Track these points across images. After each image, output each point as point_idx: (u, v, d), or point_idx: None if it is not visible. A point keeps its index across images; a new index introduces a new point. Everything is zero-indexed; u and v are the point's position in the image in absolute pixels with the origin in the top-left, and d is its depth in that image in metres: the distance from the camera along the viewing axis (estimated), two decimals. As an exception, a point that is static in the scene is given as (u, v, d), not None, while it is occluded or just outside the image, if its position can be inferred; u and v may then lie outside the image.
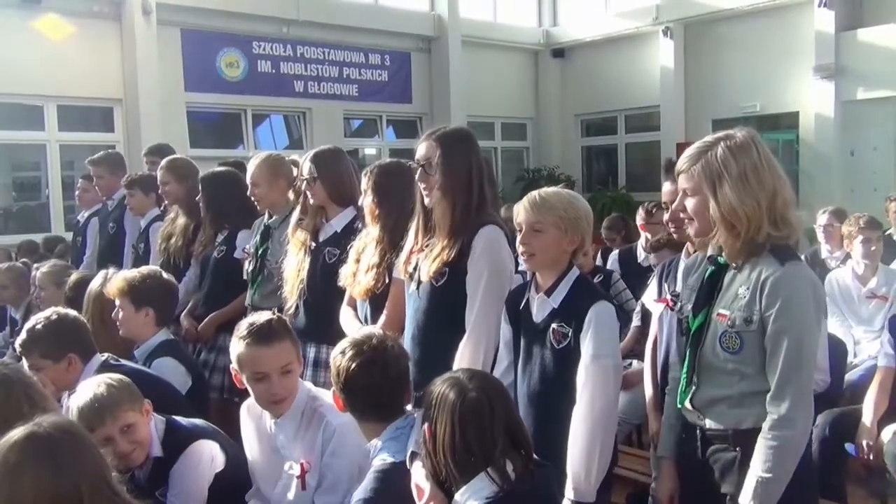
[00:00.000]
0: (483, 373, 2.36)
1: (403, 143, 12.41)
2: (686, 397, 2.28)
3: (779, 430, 2.06)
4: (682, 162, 2.23)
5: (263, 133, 11.91)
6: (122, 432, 2.61)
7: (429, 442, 2.07)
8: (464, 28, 13.22)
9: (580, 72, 14.61)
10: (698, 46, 12.93)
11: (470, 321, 2.71)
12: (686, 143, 13.03)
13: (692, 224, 2.25)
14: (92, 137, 9.90)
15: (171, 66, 10.35)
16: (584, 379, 2.40)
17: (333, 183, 3.60)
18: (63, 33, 9.30)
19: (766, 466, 2.06)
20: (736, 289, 2.17)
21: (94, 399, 2.59)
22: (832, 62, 11.16)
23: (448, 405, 2.04)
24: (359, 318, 3.25)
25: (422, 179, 2.81)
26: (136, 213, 5.38)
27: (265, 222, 4.21)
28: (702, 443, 2.28)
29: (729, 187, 2.11)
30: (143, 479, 2.72)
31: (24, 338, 3.08)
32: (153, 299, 3.53)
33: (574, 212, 2.54)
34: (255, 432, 2.86)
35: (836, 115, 11.31)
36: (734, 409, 2.19)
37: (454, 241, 2.74)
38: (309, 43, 11.80)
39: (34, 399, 2.13)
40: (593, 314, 2.43)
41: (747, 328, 2.12)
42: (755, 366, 2.13)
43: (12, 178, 10.56)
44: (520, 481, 2.00)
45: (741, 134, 2.18)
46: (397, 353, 2.43)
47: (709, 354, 2.22)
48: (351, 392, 2.37)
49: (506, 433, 2.04)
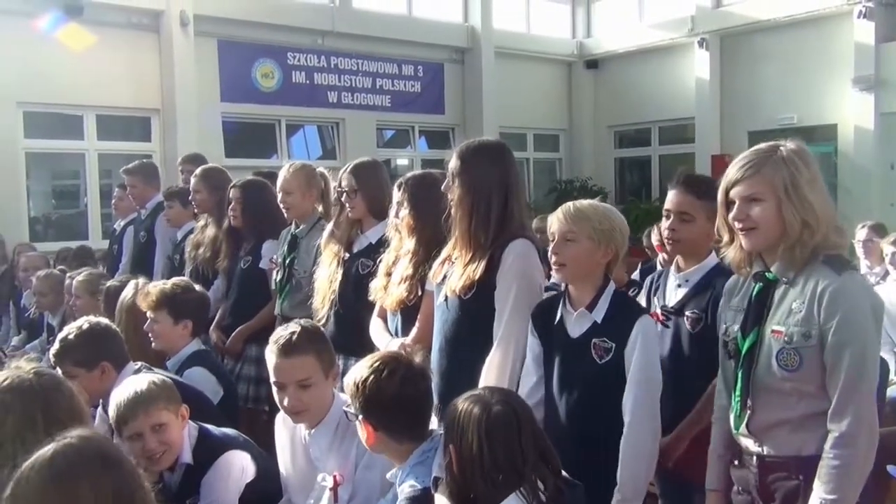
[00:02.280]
0: (505, 389, 2.34)
1: (435, 154, 12.41)
2: (742, 423, 2.17)
3: (841, 448, 1.96)
4: (739, 171, 2.13)
5: (297, 143, 12.00)
6: (153, 430, 2.65)
7: (455, 462, 2.01)
8: (497, 39, 13.22)
9: (614, 83, 14.52)
10: (734, 58, 12.79)
11: (498, 334, 2.69)
12: (721, 156, 12.87)
13: (753, 233, 2.12)
14: (130, 147, 10.04)
15: (208, 77, 10.48)
16: (634, 393, 2.39)
17: (373, 196, 3.60)
18: (84, 43, 9.41)
19: (828, 488, 1.96)
20: (790, 304, 2.09)
21: (133, 393, 2.66)
22: (872, 73, 10.97)
23: (473, 420, 2.00)
24: (389, 330, 3.25)
25: (447, 191, 2.82)
26: (173, 224, 5.43)
27: (292, 231, 4.23)
28: (759, 471, 2.16)
29: (806, 188, 2.05)
30: (173, 486, 2.75)
31: (57, 347, 3.12)
32: (191, 311, 3.57)
33: (608, 223, 2.51)
34: (290, 442, 2.87)
35: (875, 127, 11.11)
36: (795, 434, 2.08)
37: (479, 257, 2.72)
38: (343, 54, 11.88)
39: (73, 409, 2.14)
40: (640, 329, 2.42)
41: (806, 343, 2.03)
42: (815, 384, 2.04)
43: (52, 187, 10.76)
44: (552, 501, 1.95)
45: (795, 143, 2.13)
46: (424, 370, 2.40)
47: (764, 375, 2.12)
48: (385, 410, 2.29)
49: (535, 448, 1.99)
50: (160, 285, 3.68)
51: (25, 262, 6.31)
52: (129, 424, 2.64)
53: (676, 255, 2.96)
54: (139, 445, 2.63)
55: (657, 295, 3.01)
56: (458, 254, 2.79)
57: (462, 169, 2.77)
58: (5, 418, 2.01)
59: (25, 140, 9.39)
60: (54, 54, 9.22)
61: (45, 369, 2.26)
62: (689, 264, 2.91)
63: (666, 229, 2.93)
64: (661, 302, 2.96)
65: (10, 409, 2.02)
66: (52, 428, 1.84)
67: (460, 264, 2.76)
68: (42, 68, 9.07)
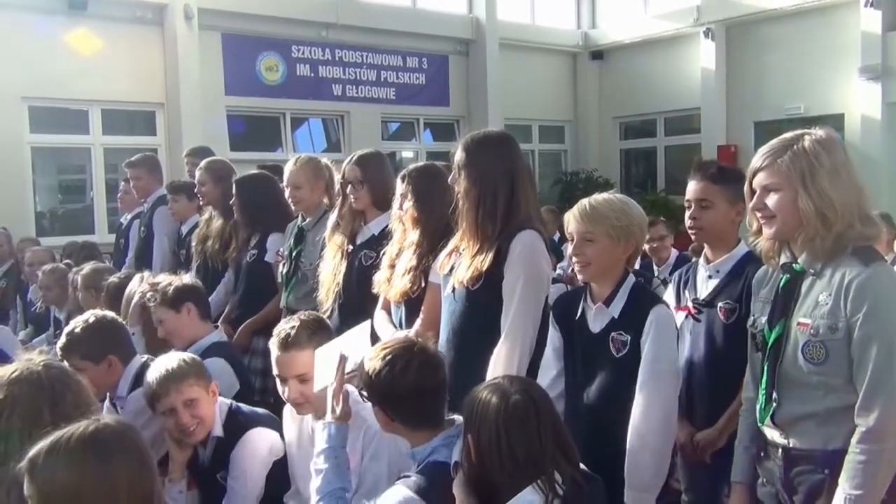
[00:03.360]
0: (526, 378, 2.31)
1: (440, 146, 12.41)
2: (767, 415, 2.15)
3: (867, 443, 1.93)
4: (760, 159, 2.11)
5: (302, 136, 12.00)
6: (185, 405, 2.78)
7: (473, 451, 1.99)
8: (501, 31, 13.18)
9: (619, 74, 14.47)
10: (740, 47, 12.73)
11: (506, 326, 2.68)
12: (727, 146, 12.84)
13: (772, 222, 2.11)
14: (135, 141, 10.03)
15: (212, 71, 10.48)
16: (644, 383, 2.38)
17: (378, 187, 3.59)
18: (93, 48, 9.47)
19: (854, 483, 1.93)
20: (816, 295, 2.05)
21: (164, 371, 2.79)
22: (879, 63, 10.91)
23: (492, 410, 1.97)
24: (393, 322, 3.24)
25: (454, 183, 2.82)
26: (178, 218, 5.42)
27: (298, 224, 4.23)
28: (784, 463, 2.14)
29: (824, 180, 2.01)
30: (205, 460, 2.88)
31: (64, 341, 3.14)
32: (188, 296, 3.57)
33: (626, 219, 2.51)
34: (297, 433, 2.90)
35: (882, 117, 11.06)
36: (822, 428, 2.05)
37: (487, 249, 2.71)
38: (347, 47, 11.86)
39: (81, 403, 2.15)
40: (654, 318, 2.42)
41: (832, 336, 2.00)
42: (843, 377, 2.01)
43: (58, 181, 10.77)
44: (569, 495, 1.92)
45: (824, 130, 2.10)
46: (439, 358, 2.38)
47: (790, 368, 2.09)
48: (400, 402, 2.25)
49: (553, 440, 1.97)
50: (150, 282, 3.69)
51: (31, 256, 6.32)
52: (161, 401, 2.79)
53: (703, 245, 2.96)
54: (172, 420, 2.79)
55: (687, 288, 2.99)
56: (466, 245, 2.79)
57: (467, 161, 2.76)
58: (13, 410, 2.02)
59: (31, 135, 9.41)
60: (59, 49, 9.24)
61: (55, 362, 2.27)
62: (718, 254, 2.89)
63: (688, 219, 2.93)
64: (693, 295, 2.94)
65: (18, 401, 2.03)
66: (59, 421, 1.85)
67: (468, 256, 2.76)
68: (47, 63, 9.08)
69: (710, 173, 2.90)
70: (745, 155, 12.83)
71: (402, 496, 2.16)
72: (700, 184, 2.91)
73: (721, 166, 2.99)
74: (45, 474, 1.62)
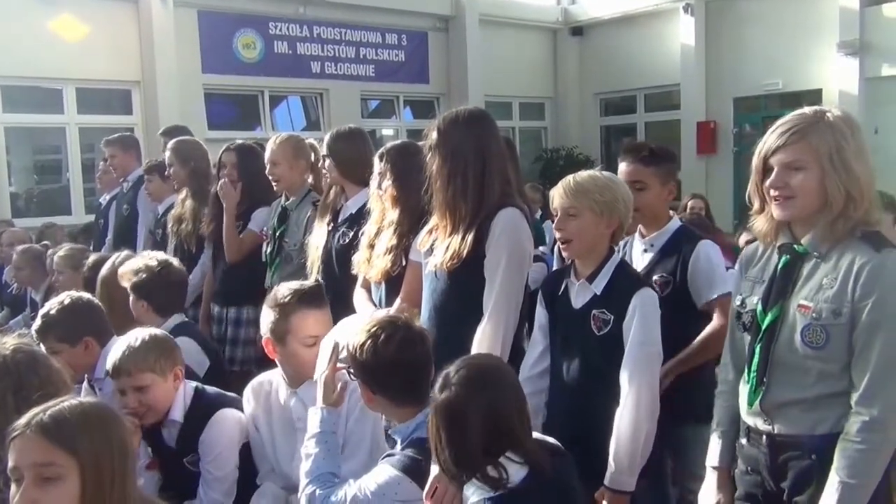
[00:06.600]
0: (478, 363, 2.16)
1: (420, 124, 12.32)
2: (756, 399, 2.07)
3: (869, 433, 1.88)
4: (781, 136, 2.00)
5: (281, 114, 11.90)
6: (135, 390, 2.73)
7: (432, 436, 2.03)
8: (481, 7, 13.09)
9: (599, 50, 14.43)
10: (719, 23, 12.73)
11: (489, 304, 2.67)
12: (707, 122, 12.88)
13: (789, 203, 2.00)
14: (111, 120, 9.91)
15: (189, 48, 10.33)
16: (630, 367, 2.39)
17: (345, 159, 3.58)
18: (79, 34, 9.33)
19: (850, 472, 1.89)
20: (820, 278, 1.98)
21: (121, 353, 2.75)
22: (856, 38, 10.97)
23: (434, 402, 2.01)
24: (373, 300, 3.23)
25: (428, 163, 2.80)
26: (154, 198, 5.36)
27: (282, 204, 4.20)
28: (770, 450, 2.08)
29: (852, 159, 1.94)
30: (170, 443, 2.84)
31: (39, 323, 3.10)
32: (149, 292, 3.53)
33: (610, 195, 2.50)
34: (266, 411, 2.88)
35: (860, 92, 11.13)
36: (809, 413, 2.00)
37: (462, 229, 2.68)
38: (325, 23, 11.74)
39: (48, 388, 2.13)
40: (638, 301, 2.43)
41: (835, 321, 1.93)
42: (839, 363, 1.95)
43: (33, 162, 10.65)
44: (530, 476, 1.94)
45: (842, 110, 2.04)
46: (423, 333, 2.37)
47: (784, 351, 2.02)
48: (383, 375, 2.25)
49: (491, 433, 1.95)
50: (131, 262, 3.64)
51: (9, 237, 6.25)
52: (116, 380, 2.77)
53: (638, 224, 2.99)
54: (124, 400, 2.75)
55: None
56: (440, 225, 2.77)
57: (439, 140, 2.74)
58: None
59: (4, 115, 9.28)
60: (31, 27, 9.07)
61: (25, 346, 2.24)
62: (652, 230, 2.98)
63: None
64: None
65: None
66: (23, 406, 1.84)
67: (443, 237, 2.75)
68: (19, 42, 8.92)
69: (641, 156, 2.97)
70: (723, 131, 12.89)
71: (389, 475, 2.17)
72: (631, 166, 2.97)
73: (652, 148, 3.03)
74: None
